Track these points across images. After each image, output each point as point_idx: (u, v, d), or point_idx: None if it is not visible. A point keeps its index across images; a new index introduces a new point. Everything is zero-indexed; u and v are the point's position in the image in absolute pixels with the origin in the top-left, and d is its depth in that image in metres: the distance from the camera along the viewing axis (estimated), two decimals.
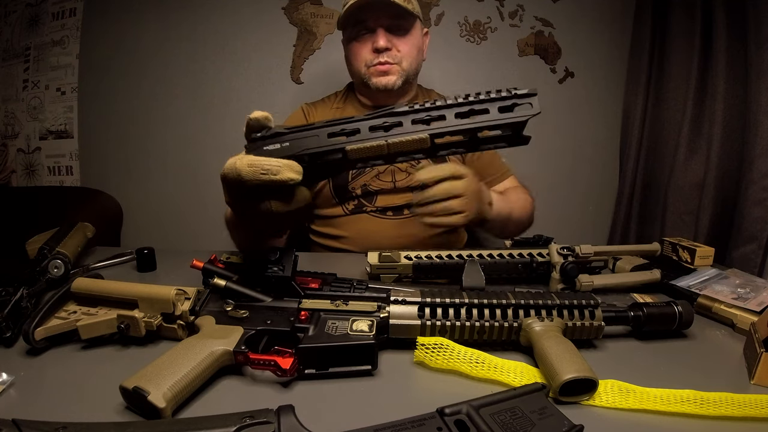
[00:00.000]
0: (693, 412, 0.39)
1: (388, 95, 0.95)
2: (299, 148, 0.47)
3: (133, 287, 0.48)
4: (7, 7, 1.53)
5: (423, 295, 0.49)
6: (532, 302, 0.48)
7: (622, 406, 0.40)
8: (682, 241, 0.82)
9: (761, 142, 1.08)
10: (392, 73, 0.93)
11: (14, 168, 1.60)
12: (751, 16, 1.11)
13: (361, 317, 0.47)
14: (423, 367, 0.46)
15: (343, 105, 1.02)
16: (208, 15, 1.45)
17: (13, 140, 1.58)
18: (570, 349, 0.43)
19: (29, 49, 1.53)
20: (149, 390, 0.35)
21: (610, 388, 0.41)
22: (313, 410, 0.35)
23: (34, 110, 1.55)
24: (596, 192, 1.59)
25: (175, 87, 1.48)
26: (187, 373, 0.37)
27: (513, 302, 0.48)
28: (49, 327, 0.45)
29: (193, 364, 0.38)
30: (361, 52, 0.93)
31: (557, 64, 1.53)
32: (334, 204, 0.96)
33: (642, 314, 0.51)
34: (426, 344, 0.45)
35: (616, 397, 0.41)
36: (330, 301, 0.49)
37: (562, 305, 0.49)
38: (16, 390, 0.38)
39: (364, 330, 0.45)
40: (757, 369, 0.45)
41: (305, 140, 0.47)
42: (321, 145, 0.47)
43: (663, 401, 0.40)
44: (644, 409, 0.40)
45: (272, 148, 0.48)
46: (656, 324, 0.52)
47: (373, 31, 0.91)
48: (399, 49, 0.93)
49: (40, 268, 0.58)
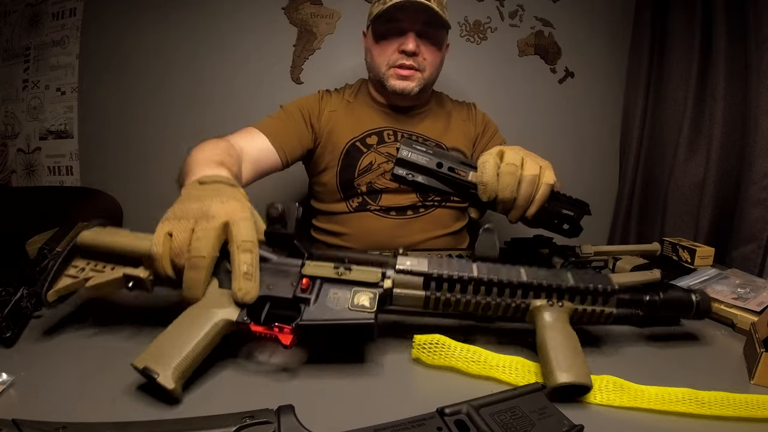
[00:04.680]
0: (689, 412, 0.39)
1: (403, 98, 0.95)
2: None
3: (136, 243, 0.46)
4: (7, 7, 1.53)
5: (430, 265, 0.46)
6: (544, 283, 0.46)
7: (616, 403, 0.40)
8: (682, 241, 0.83)
9: (761, 142, 1.08)
10: (413, 80, 0.92)
11: (14, 168, 1.60)
12: (751, 16, 1.11)
13: (362, 289, 0.45)
14: (423, 367, 0.46)
15: (354, 99, 1.01)
16: (209, 15, 1.45)
17: (13, 140, 1.58)
18: (572, 347, 0.43)
19: (29, 49, 1.53)
20: (158, 372, 0.37)
21: (605, 385, 0.41)
22: (313, 410, 0.35)
23: (34, 110, 1.55)
24: (596, 192, 1.59)
25: (175, 87, 1.48)
26: (192, 348, 0.39)
27: (524, 281, 0.46)
28: (59, 288, 0.46)
29: (197, 339, 0.40)
30: (387, 50, 0.92)
31: (557, 64, 1.53)
32: (338, 199, 0.96)
33: (658, 299, 0.49)
34: (422, 343, 0.45)
35: (611, 395, 0.41)
36: (333, 265, 0.46)
37: (576, 289, 0.46)
38: (16, 390, 0.38)
39: (365, 305, 0.43)
40: (757, 369, 0.45)
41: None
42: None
43: (658, 400, 0.40)
44: (643, 408, 0.40)
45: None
46: (672, 311, 0.50)
47: (404, 32, 0.90)
48: (425, 56, 0.92)
49: (40, 268, 0.58)
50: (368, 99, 1.01)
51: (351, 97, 1.02)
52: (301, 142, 0.94)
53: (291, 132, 0.93)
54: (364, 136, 0.96)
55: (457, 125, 1.03)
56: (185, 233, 0.43)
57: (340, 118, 0.98)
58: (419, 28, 0.90)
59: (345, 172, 0.94)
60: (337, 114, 0.98)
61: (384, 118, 0.99)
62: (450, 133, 1.01)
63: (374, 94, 1.01)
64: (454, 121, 1.03)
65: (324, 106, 0.99)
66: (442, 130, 1.01)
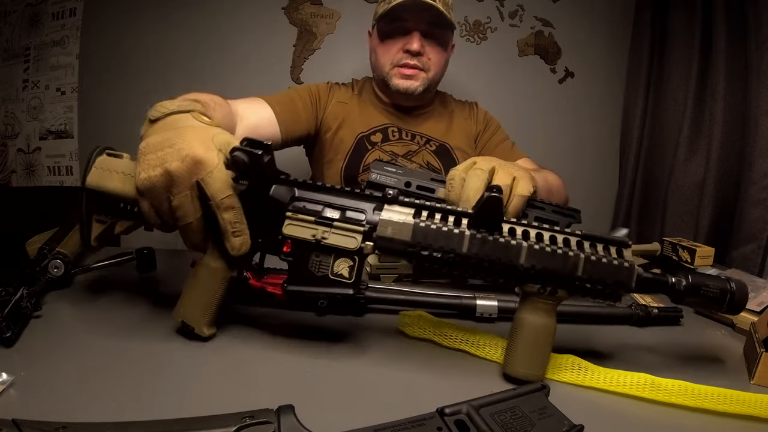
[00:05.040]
0: (647, 397, 0.41)
1: (407, 98, 0.95)
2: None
3: (129, 190, 0.47)
4: (7, 7, 1.53)
5: (414, 235, 0.43)
6: (545, 267, 0.42)
7: (576, 382, 0.43)
8: (682, 241, 0.82)
9: (761, 142, 1.07)
10: (417, 79, 0.92)
11: (14, 168, 1.60)
12: (751, 16, 1.11)
13: (342, 258, 0.44)
14: (423, 366, 0.46)
15: (358, 96, 1.01)
16: (209, 15, 1.45)
17: (13, 140, 1.58)
18: (540, 343, 0.43)
19: (29, 49, 1.53)
20: (193, 325, 0.47)
21: (568, 363, 0.45)
22: (313, 410, 0.35)
23: (34, 110, 1.55)
24: (596, 192, 1.59)
25: (175, 87, 1.47)
26: (211, 302, 0.47)
27: (522, 265, 0.42)
28: (96, 236, 0.51)
29: (212, 294, 0.47)
30: (391, 49, 0.92)
31: (557, 64, 1.53)
32: None
33: (686, 283, 0.44)
34: (408, 316, 0.52)
35: (570, 374, 0.44)
36: (313, 221, 0.45)
37: (580, 280, 0.42)
38: (16, 390, 0.38)
39: (344, 275, 0.44)
40: (757, 369, 0.45)
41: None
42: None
43: (615, 383, 0.42)
44: (623, 394, 0.42)
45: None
46: (700, 299, 0.44)
47: (409, 32, 0.90)
48: (430, 56, 0.92)
49: (40, 268, 0.58)
50: (373, 97, 1.01)
51: (357, 93, 1.02)
52: (303, 124, 0.93)
53: (298, 110, 0.92)
54: (370, 133, 0.96)
55: (459, 124, 1.03)
56: (164, 204, 0.44)
57: (349, 112, 0.97)
58: (424, 27, 0.90)
59: (351, 168, 0.94)
60: (348, 107, 0.98)
61: (387, 116, 0.99)
62: (452, 132, 1.01)
63: (378, 93, 1.01)
64: (456, 120, 1.03)
65: (332, 96, 0.99)
66: (445, 130, 1.01)
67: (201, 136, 0.44)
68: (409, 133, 0.98)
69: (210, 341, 0.48)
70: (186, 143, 0.43)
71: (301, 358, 0.46)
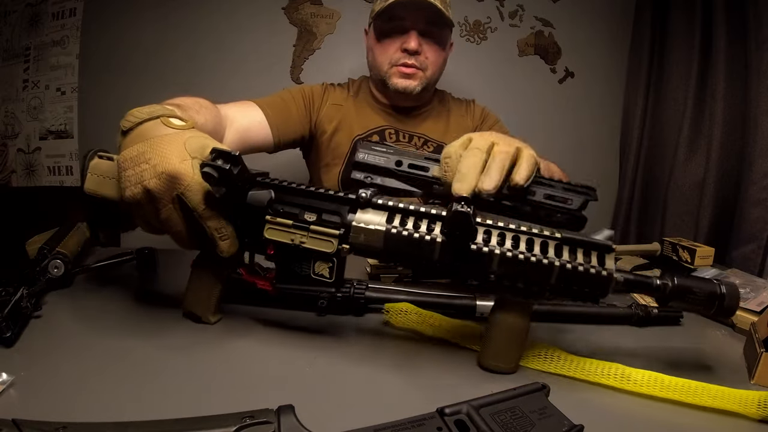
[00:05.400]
0: (617, 386, 0.42)
1: (405, 98, 0.94)
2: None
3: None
4: (7, 7, 1.53)
5: (386, 241, 0.43)
6: (516, 275, 0.42)
7: (549, 369, 0.45)
8: (682, 241, 0.83)
9: (761, 142, 1.07)
10: (415, 78, 0.91)
11: (14, 168, 1.60)
12: (751, 16, 1.11)
13: (321, 260, 0.45)
14: (423, 366, 0.46)
15: (354, 97, 1.01)
16: (208, 15, 1.45)
17: (13, 140, 1.58)
18: (513, 340, 0.44)
19: (29, 49, 1.53)
20: (200, 315, 0.51)
21: (544, 352, 0.46)
22: (313, 410, 0.35)
23: (34, 110, 1.55)
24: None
25: (175, 87, 1.47)
26: (211, 296, 0.51)
27: (494, 271, 0.41)
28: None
29: (212, 289, 0.51)
30: (389, 49, 0.91)
31: (557, 64, 1.53)
32: None
33: (671, 284, 0.42)
34: (393, 309, 0.53)
35: (544, 363, 0.45)
36: (291, 224, 0.45)
37: (553, 288, 0.41)
38: (16, 390, 0.38)
39: (324, 275, 0.45)
40: (757, 369, 0.45)
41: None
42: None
43: (585, 371, 0.44)
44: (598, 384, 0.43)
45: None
46: (686, 302, 0.42)
47: (406, 31, 0.89)
48: (428, 55, 0.91)
49: (40, 268, 0.58)
50: (369, 98, 1.00)
51: (353, 94, 1.01)
52: (296, 127, 0.93)
53: (290, 113, 0.92)
54: (367, 135, 0.95)
55: (456, 121, 1.02)
56: (153, 216, 0.45)
57: (345, 115, 0.97)
58: (422, 26, 0.89)
59: (348, 170, 0.94)
60: (344, 110, 0.97)
61: (385, 117, 0.98)
62: (450, 132, 1.01)
63: (376, 94, 1.00)
64: (453, 119, 1.03)
65: (327, 98, 0.98)
66: (443, 129, 1.00)
67: (173, 146, 0.44)
68: (407, 135, 0.97)
69: (210, 341, 0.48)
70: (159, 157, 0.43)
71: (301, 358, 0.46)
